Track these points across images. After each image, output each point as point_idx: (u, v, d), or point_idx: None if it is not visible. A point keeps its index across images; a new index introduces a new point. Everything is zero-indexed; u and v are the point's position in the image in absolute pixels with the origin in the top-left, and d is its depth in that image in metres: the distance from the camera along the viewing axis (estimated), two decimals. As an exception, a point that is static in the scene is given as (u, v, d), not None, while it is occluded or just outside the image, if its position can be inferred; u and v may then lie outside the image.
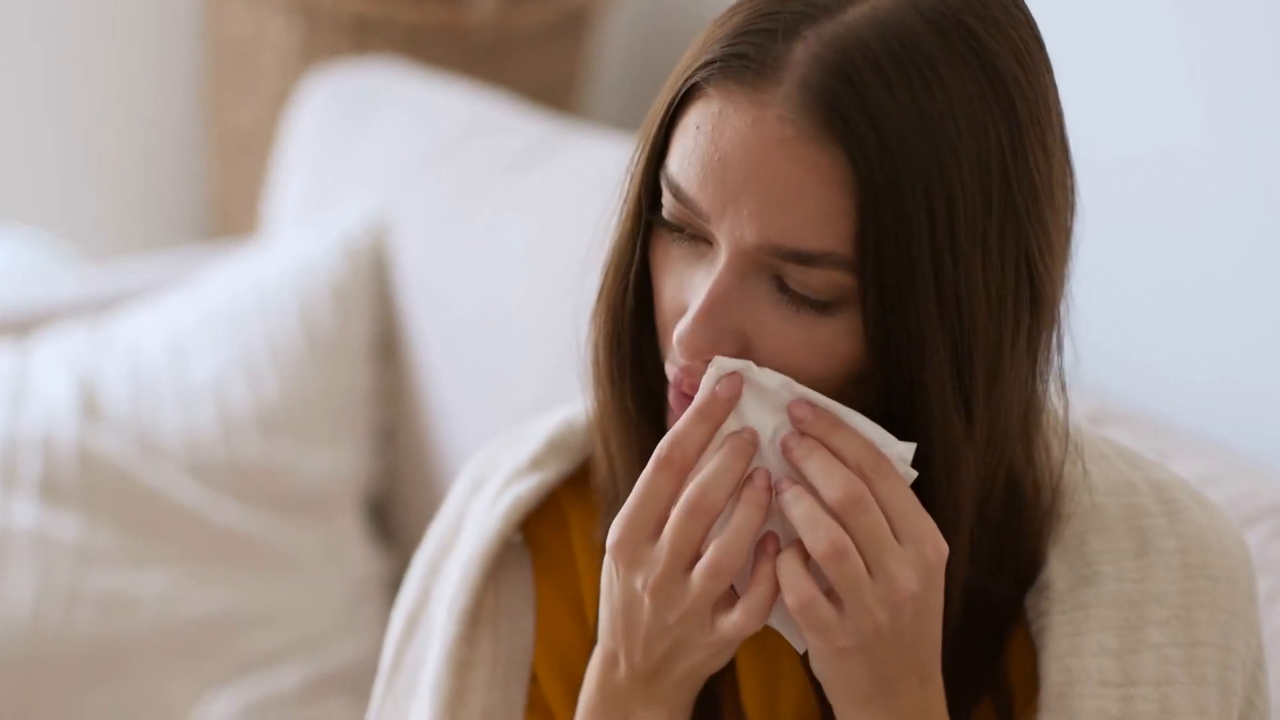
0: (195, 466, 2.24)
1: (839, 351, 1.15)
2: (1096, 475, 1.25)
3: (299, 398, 2.30)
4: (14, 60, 3.40)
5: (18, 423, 2.22)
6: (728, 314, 1.15)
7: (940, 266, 1.12)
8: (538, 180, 2.31)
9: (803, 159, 1.11)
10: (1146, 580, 1.22)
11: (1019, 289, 1.15)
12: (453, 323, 2.30)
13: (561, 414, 1.35)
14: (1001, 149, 1.13)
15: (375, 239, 2.39)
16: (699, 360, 1.15)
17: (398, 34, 3.14)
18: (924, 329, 1.12)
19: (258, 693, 2.17)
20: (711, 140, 1.13)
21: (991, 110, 1.12)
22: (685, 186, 1.15)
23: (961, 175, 1.12)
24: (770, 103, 1.12)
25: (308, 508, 2.27)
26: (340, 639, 2.23)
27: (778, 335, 1.15)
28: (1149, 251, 2.04)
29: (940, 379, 1.13)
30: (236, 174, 3.36)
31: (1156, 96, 2.05)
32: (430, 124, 2.48)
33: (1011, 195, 1.13)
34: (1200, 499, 1.27)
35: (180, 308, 2.39)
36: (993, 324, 1.14)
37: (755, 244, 1.13)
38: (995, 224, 1.13)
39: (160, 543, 2.20)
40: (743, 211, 1.13)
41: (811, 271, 1.13)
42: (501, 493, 1.32)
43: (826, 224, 1.12)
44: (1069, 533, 1.24)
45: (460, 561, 1.32)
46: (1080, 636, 1.21)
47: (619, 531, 1.15)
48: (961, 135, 1.11)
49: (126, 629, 2.14)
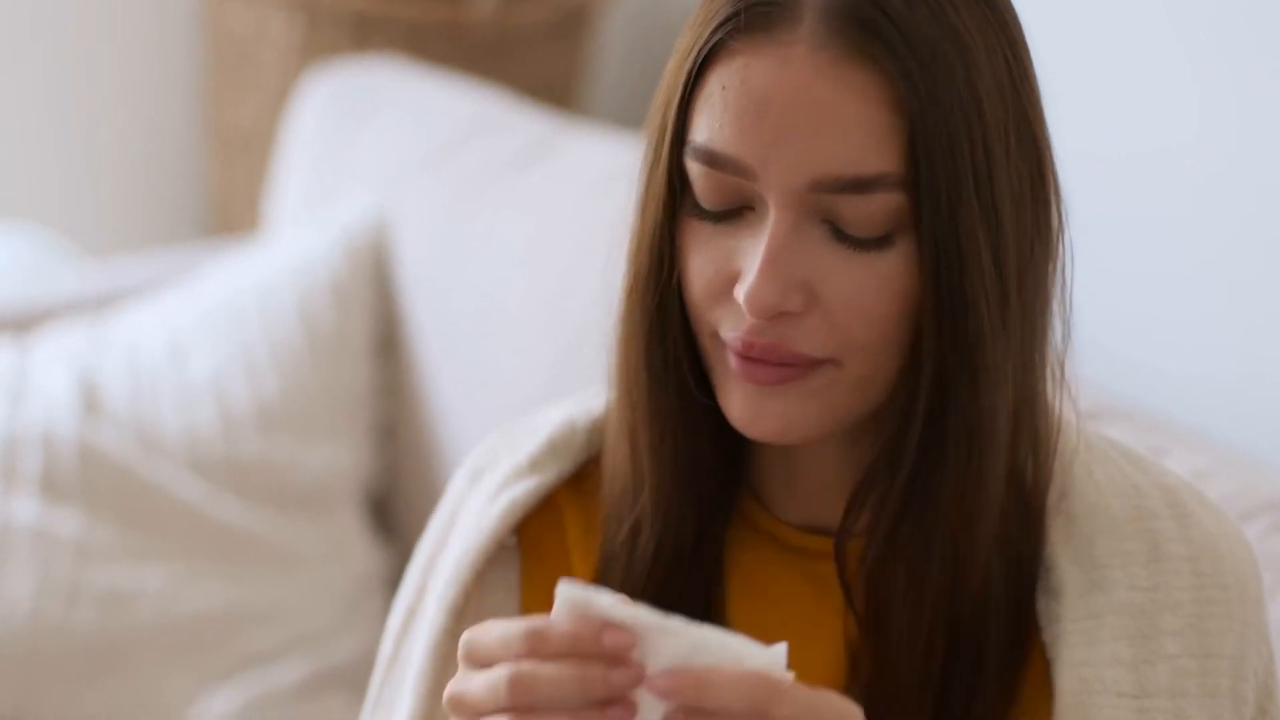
0: (195, 463, 2.24)
1: (901, 285, 1.14)
2: (1102, 477, 1.25)
3: (299, 395, 2.30)
4: (14, 58, 3.40)
5: (18, 419, 2.22)
6: (791, 264, 1.13)
7: (979, 174, 1.13)
8: (538, 178, 2.32)
9: (844, 83, 1.11)
10: (1158, 589, 1.21)
11: (1036, 193, 1.16)
12: (453, 320, 2.30)
13: (563, 411, 1.34)
14: (1008, 62, 1.15)
15: (375, 236, 2.39)
16: (768, 317, 1.14)
17: (398, 32, 3.14)
18: (970, 244, 1.13)
19: (258, 689, 2.17)
20: (742, 93, 1.13)
21: (993, 27, 1.14)
22: (722, 148, 1.14)
23: (985, 84, 1.13)
24: (797, 40, 1.12)
25: (308, 504, 2.28)
26: (340, 635, 2.24)
27: (843, 277, 1.14)
28: (1144, 246, 2.05)
29: (988, 293, 1.14)
30: (236, 171, 3.36)
31: (1152, 91, 2.05)
32: (430, 122, 2.49)
33: (1021, 105, 1.15)
34: (1207, 503, 1.26)
35: (180, 305, 2.39)
36: (1019, 232, 1.15)
37: (809, 182, 1.12)
38: (1014, 132, 1.15)
39: (160, 539, 2.20)
40: (790, 153, 1.12)
41: (869, 199, 1.12)
42: (499, 493, 1.32)
43: (879, 144, 1.12)
44: (1077, 532, 1.23)
45: (453, 556, 1.31)
46: (1094, 646, 1.20)
47: (476, 632, 1.08)
48: (977, 46, 1.13)
49: (126, 625, 2.14)
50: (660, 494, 1.25)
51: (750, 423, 1.18)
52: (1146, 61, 2.06)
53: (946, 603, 1.20)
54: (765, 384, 1.16)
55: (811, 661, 1.24)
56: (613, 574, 1.27)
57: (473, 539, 1.30)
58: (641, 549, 1.26)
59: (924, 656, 1.20)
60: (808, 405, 1.17)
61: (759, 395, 1.17)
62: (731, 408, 1.18)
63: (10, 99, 3.43)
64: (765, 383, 1.16)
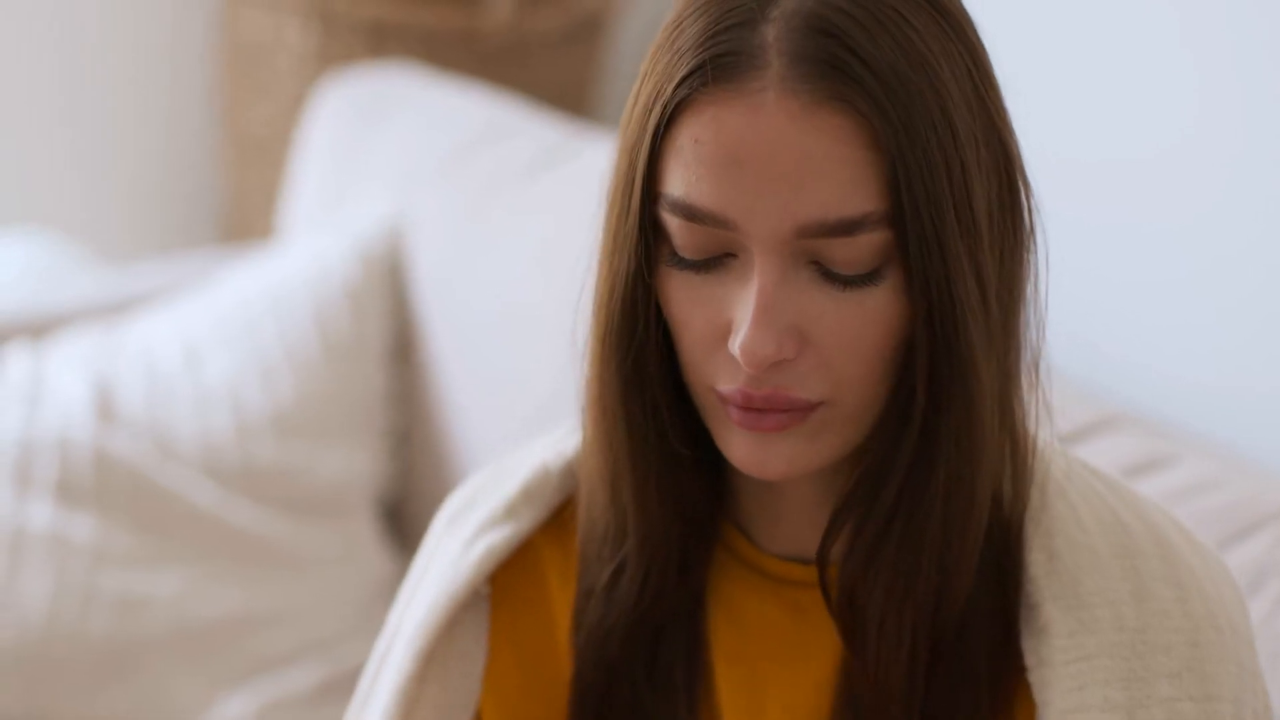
0: (210, 468, 2.25)
1: (890, 317, 1.13)
2: (1086, 512, 1.23)
3: (314, 400, 2.31)
4: (31, 63, 3.41)
5: (33, 424, 2.23)
6: (782, 312, 1.12)
7: (958, 195, 1.12)
8: (552, 184, 2.32)
9: (818, 127, 1.10)
10: (1147, 629, 1.20)
11: (1007, 204, 1.16)
12: (468, 325, 2.30)
13: (538, 456, 1.33)
14: (970, 73, 1.14)
15: (390, 242, 2.40)
16: (765, 368, 1.13)
17: (413, 38, 3.15)
18: (956, 266, 1.12)
19: (271, 694, 2.18)
20: (717, 146, 1.11)
21: (952, 40, 1.13)
22: (700, 203, 1.12)
23: (954, 101, 1.12)
24: (765, 86, 1.11)
25: (322, 509, 2.28)
26: (354, 640, 2.24)
27: (833, 318, 1.13)
28: (1150, 252, 2.05)
29: (976, 318, 1.13)
30: (252, 177, 3.37)
31: (1153, 95, 2.05)
32: (445, 128, 2.49)
33: (989, 115, 1.14)
34: (1192, 540, 1.25)
35: (195, 310, 2.39)
36: (994, 248, 1.15)
37: (794, 230, 1.11)
38: (984, 145, 1.14)
39: (175, 544, 2.20)
40: (772, 204, 1.11)
41: (855, 239, 1.11)
42: (474, 541, 1.31)
43: (860, 184, 1.11)
44: (1061, 569, 1.21)
45: (425, 603, 1.31)
46: (1085, 690, 1.18)
47: None
48: (941, 65, 1.12)
49: (140, 630, 2.15)
50: (645, 537, 1.24)
51: (757, 467, 1.17)
52: (1150, 65, 2.06)
53: (929, 625, 1.19)
54: (769, 431, 1.16)
55: (797, 691, 1.24)
56: (593, 610, 1.27)
57: (446, 586, 1.30)
58: (625, 587, 1.26)
59: (907, 681, 1.20)
60: (810, 444, 1.17)
61: (763, 441, 1.16)
62: (734, 452, 1.18)
63: (27, 105, 3.43)
64: (769, 430, 1.16)
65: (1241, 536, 1.58)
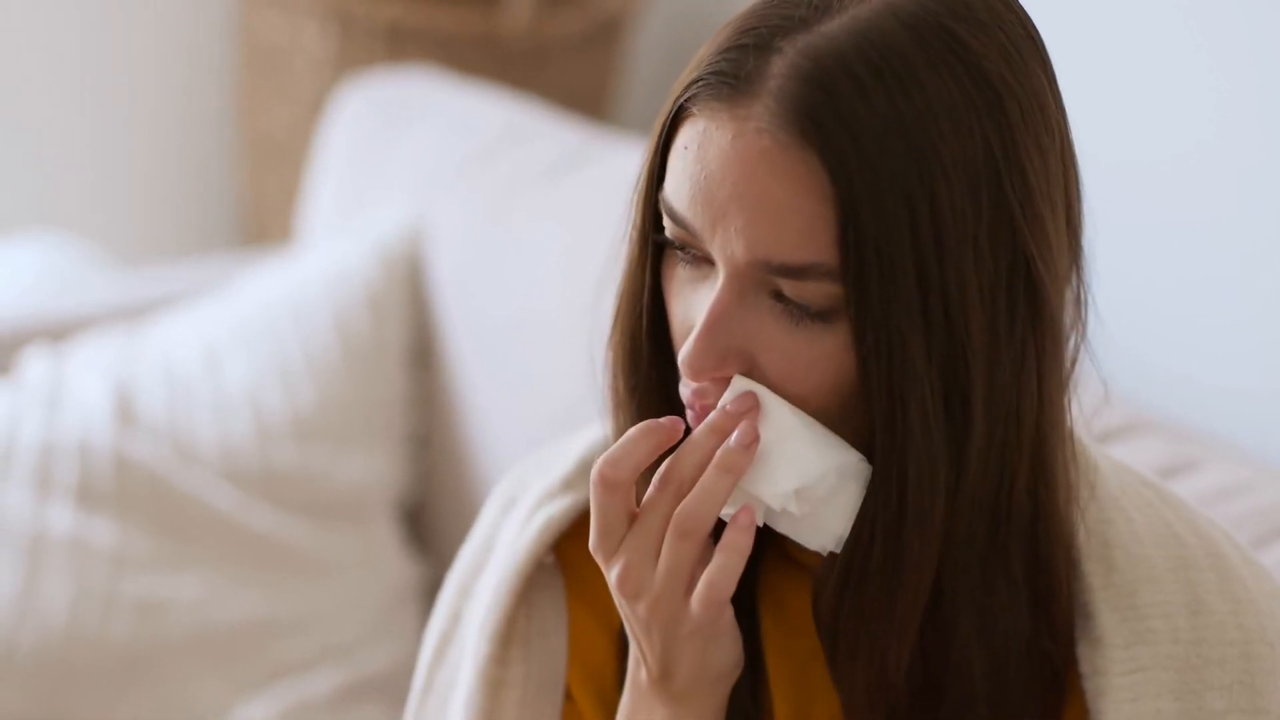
0: (230, 473, 2.25)
1: (841, 363, 1.14)
2: (1142, 525, 1.24)
3: (334, 404, 2.31)
4: (49, 67, 3.41)
5: (53, 429, 2.23)
6: (729, 333, 1.15)
7: (924, 269, 1.11)
8: (571, 187, 2.32)
9: (783, 171, 1.12)
10: (1203, 643, 1.21)
11: (1014, 289, 1.14)
12: (487, 329, 2.30)
13: (591, 433, 1.35)
14: (990, 149, 1.12)
15: (410, 246, 2.40)
16: (705, 380, 1.16)
17: (432, 42, 3.15)
18: (907, 336, 1.12)
19: (291, 699, 2.17)
20: (698, 159, 1.14)
21: (978, 111, 1.12)
22: (678, 207, 1.15)
23: (946, 177, 1.11)
24: (749, 116, 1.12)
25: (342, 514, 2.28)
26: (374, 646, 2.24)
27: (781, 349, 1.15)
28: (1178, 256, 2.04)
29: (923, 392, 1.13)
30: (271, 181, 3.37)
31: (1176, 95, 2.05)
32: (464, 131, 2.49)
33: (1004, 195, 1.13)
34: (1245, 554, 1.26)
35: (215, 314, 2.39)
36: (988, 328, 1.13)
37: (746, 260, 1.13)
38: (986, 224, 1.13)
39: (195, 549, 2.20)
40: (731, 228, 1.13)
41: (804, 284, 1.13)
42: (533, 514, 1.32)
43: (811, 235, 1.12)
44: (1118, 581, 1.22)
45: (491, 583, 1.32)
46: (1138, 703, 1.19)
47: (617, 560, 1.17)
48: (944, 137, 1.11)
49: (161, 634, 2.15)
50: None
51: None
52: (1171, 65, 2.06)
53: (902, 655, 1.19)
54: None
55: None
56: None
57: (510, 563, 1.31)
58: None
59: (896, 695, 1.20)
60: None
61: None
62: None
63: (46, 109, 3.44)
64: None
65: (1268, 541, 1.58)
